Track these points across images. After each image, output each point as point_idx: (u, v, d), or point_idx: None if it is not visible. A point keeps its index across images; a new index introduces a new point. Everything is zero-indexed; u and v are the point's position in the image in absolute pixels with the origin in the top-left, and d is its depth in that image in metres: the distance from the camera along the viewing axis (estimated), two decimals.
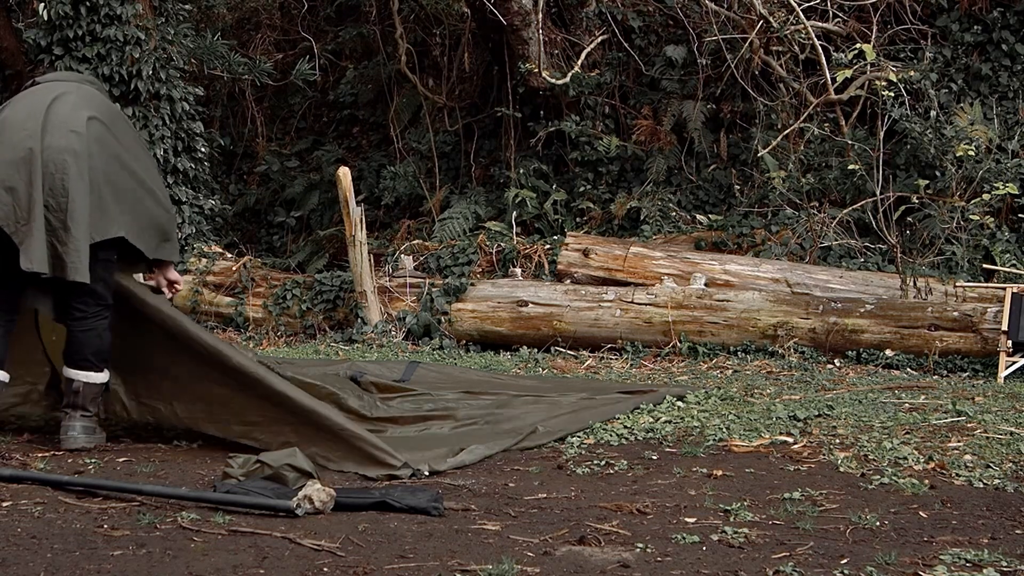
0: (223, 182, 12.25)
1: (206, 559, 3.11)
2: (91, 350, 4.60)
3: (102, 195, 4.54)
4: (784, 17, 9.75)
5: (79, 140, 4.48)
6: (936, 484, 4.01)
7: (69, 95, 4.65)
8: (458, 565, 3.07)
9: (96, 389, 4.64)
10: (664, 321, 7.63)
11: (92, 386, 4.62)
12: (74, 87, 4.76)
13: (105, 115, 4.71)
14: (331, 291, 8.68)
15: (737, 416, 5.19)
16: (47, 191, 4.41)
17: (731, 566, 3.09)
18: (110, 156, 4.61)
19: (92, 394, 4.63)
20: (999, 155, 9.13)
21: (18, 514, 3.57)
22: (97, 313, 4.61)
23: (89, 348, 4.60)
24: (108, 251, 4.61)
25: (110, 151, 4.61)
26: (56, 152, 4.44)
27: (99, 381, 4.64)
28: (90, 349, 4.60)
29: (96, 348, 4.61)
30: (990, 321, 6.96)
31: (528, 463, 4.43)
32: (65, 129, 4.49)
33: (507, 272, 8.84)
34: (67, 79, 4.94)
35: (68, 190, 4.42)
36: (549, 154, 10.65)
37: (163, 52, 9.83)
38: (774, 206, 9.44)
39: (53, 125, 4.49)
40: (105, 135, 4.62)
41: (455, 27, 11.70)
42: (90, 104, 4.68)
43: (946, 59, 9.84)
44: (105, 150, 4.59)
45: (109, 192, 4.58)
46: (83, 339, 4.60)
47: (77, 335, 4.61)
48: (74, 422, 4.58)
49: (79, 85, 4.82)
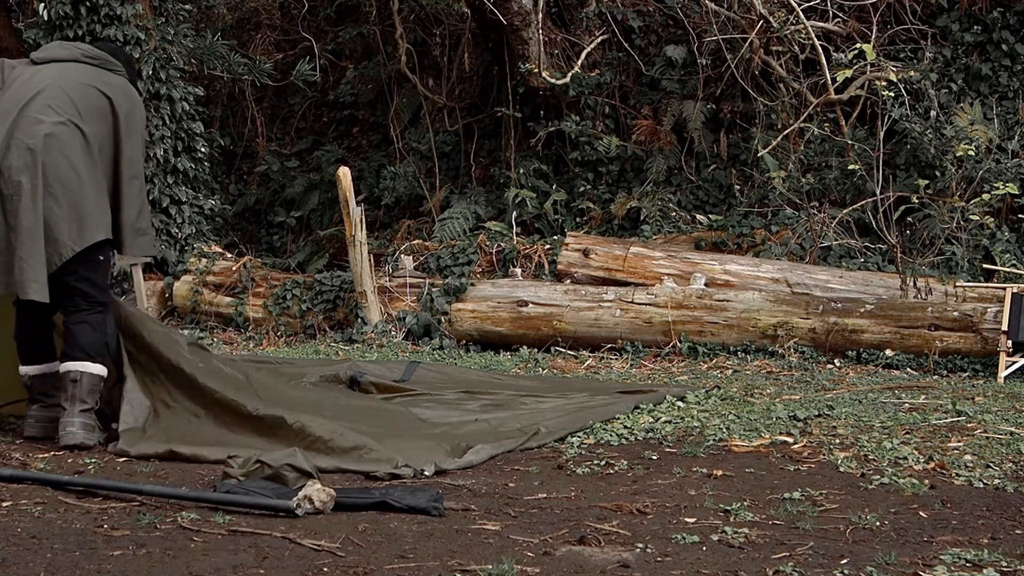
0: (223, 182, 12.25)
1: (206, 559, 3.11)
2: (85, 341, 4.63)
3: (76, 203, 4.56)
4: (784, 17, 9.75)
5: (33, 157, 4.51)
6: (936, 484, 4.01)
7: (42, 94, 4.62)
8: (458, 565, 3.07)
9: (93, 381, 4.64)
10: (664, 321, 7.63)
11: (88, 376, 4.63)
12: (54, 76, 4.70)
13: (83, 106, 4.66)
14: (331, 291, 8.68)
15: (737, 416, 5.19)
16: (8, 211, 4.50)
17: (731, 566, 3.09)
18: (81, 162, 4.60)
19: (89, 386, 4.63)
20: (999, 155, 9.13)
21: (18, 514, 3.57)
22: (89, 308, 4.65)
23: (83, 339, 4.63)
24: (91, 253, 4.64)
25: (76, 158, 4.59)
26: (14, 172, 4.50)
27: (94, 372, 4.65)
28: (84, 340, 4.63)
29: (90, 340, 4.64)
30: (990, 321, 6.95)
31: (528, 463, 4.43)
32: (23, 147, 4.52)
33: (507, 272, 8.84)
34: (59, 56, 4.85)
35: (19, 212, 4.48)
36: (549, 154, 10.65)
37: (163, 52, 9.82)
38: (774, 206, 9.44)
39: (16, 140, 4.52)
40: (70, 140, 4.59)
41: (455, 27, 11.70)
42: (64, 100, 4.63)
43: (946, 59, 9.83)
44: (70, 157, 4.58)
45: (90, 195, 4.60)
46: (76, 331, 4.64)
47: (70, 328, 4.66)
48: (73, 418, 4.59)
49: (62, 72, 4.74)
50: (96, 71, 4.82)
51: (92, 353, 4.65)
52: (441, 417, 5.17)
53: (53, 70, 4.76)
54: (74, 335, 4.64)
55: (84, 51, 4.90)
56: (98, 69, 4.83)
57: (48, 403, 4.74)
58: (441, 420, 5.13)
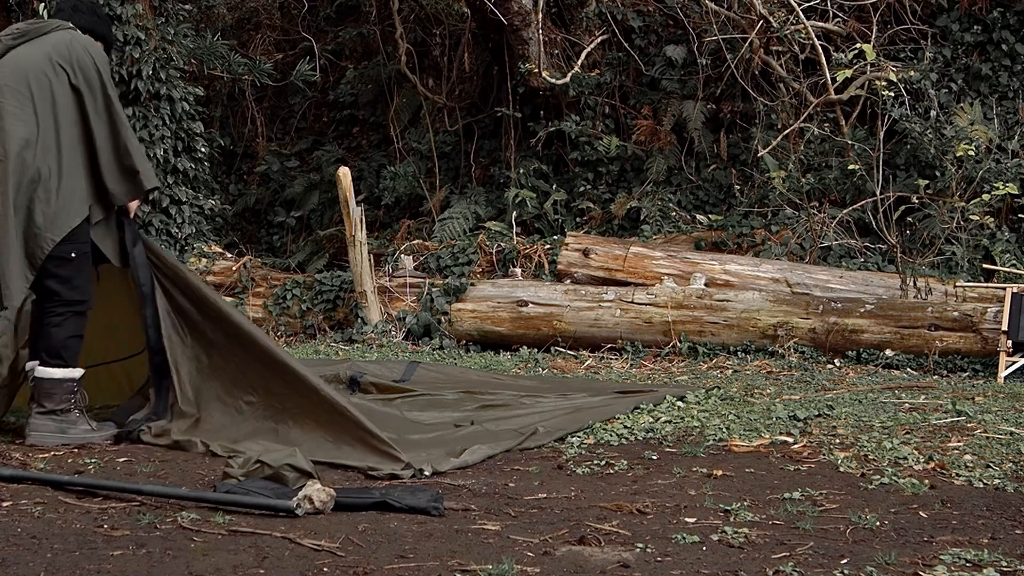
0: (223, 182, 12.25)
1: (206, 559, 3.11)
2: (43, 345, 4.63)
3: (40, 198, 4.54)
4: (784, 17, 9.75)
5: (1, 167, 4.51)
6: (936, 484, 4.01)
7: (8, 103, 4.56)
8: (458, 565, 3.07)
9: (48, 385, 4.62)
10: (664, 321, 7.63)
11: (42, 380, 4.62)
12: (7, 74, 4.61)
13: (34, 88, 4.57)
14: (331, 291, 8.68)
15: (737, 416, 5.19)
16: None
17: (731, 566, 3.09)
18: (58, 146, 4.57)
19: (44, 389, 4.61)
20: (999, 155, 9.13)
21: (18, 514, 3.57)
22: (51, 310, 4.62)
23: (41, 343, 4.64)
24: (62, 246, 4.58)
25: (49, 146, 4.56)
26: None
27: (46, 376, 4.62)
28: (42, 344, 4.64)
29: (47, 345, 4.63)
30: (990, 321, 6.96)
31: (528, 463, 4.43)
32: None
33: (507, 272, 8.85)
34: (25, 34, 4.70)
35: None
36: (549, 154, 10.65)
37: (163, 52, 9.82)
38: (774, 206, 9.44)
39: None
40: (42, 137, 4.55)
41: (455, 27, 11.70)
42: (26, 103, 4.56)
43: (946, 59, 9.84)
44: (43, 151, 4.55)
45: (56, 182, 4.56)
46: (39, 333, 4.66)
47: (37, 329, 4.67)
48: (31, 418, 4.63)
49: (25, 55, 4.62)
50: (31, 45, 4.66)
51: (48, 357, 4.63)
52: (436, 418, 5.17)
53: (13, 71, 4.65)
54: (38, 336, 4.66)
55: (14, 34, 4.74)
56: (32, 42, 4.66)
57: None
58: (436, 421, 5.12)
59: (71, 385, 4.66)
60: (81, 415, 4.69)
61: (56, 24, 4.75)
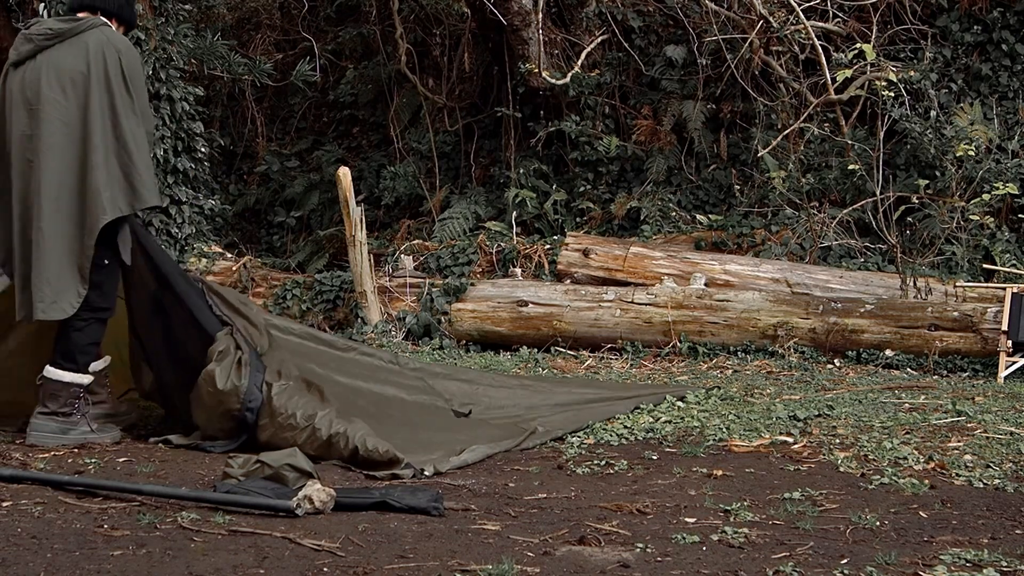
0: (223, 182, 12.25)
1: (206, 559, 3.11)
2: (60, 347, 4.67)
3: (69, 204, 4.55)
4: (784, 17, 9.74)
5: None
6: (936, 484, 4.01)
7: (45, 110, 4.57)
8: (458, 565, 3.07)
9: (55, 386, 4.64)
10: (664, 321, 7.63)
11: (50, 381, 4.64)
12: (17, 88, 4.64)
13: (71, 94, 4.57)
14: (331, 291, 8.68)
15: (737, 416, 5.19)
16: None
17: (731, 566, 3.09)
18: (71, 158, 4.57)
19: (50, 390, 4.64)
20: (999, 155, 9.13)
21: (18, 514, 3.57)
22: (76, 314, 4.60)
23: (59, 344, 4.67)
24: (98, 252, 4.57)
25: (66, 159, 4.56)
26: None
27: (55, 377, 4.64)
28: (60, 345, 4.67)
29: (64, 348, 4.66)
30: (990, 321, 6.96)
31: (528, 463, 4.43)
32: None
33: (507, 272, 8.85)
34: (24, 55, 4.71)
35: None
36: (549, 154, 10.65)
37: (163, 52, 9.81)
38: (774, 206, 9.44)
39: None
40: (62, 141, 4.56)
41: (455, 27, 11.69)
42: (63, 110, 4.56)
43: (946, 59, 9.83)
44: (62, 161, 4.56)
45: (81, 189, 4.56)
46: (58, 334, 4.68)
47: (58, 329, 4.69)
48: (33, 418, 4.65)
49: (24, 77, 4.65)
50: (65, 46, 4.63)
51: (59, 359, 4.65)
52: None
53: (16, 82, 4.68)
54: (56, 338, 4.69)
55: (47, 35, 4.68)
56: (66, 43, 4.63)
57: (94, 400, 4.79)
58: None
59: (77, 390, 4.67)
60: (83, 419, 4.69)
61: (89, 23, 4.68)
